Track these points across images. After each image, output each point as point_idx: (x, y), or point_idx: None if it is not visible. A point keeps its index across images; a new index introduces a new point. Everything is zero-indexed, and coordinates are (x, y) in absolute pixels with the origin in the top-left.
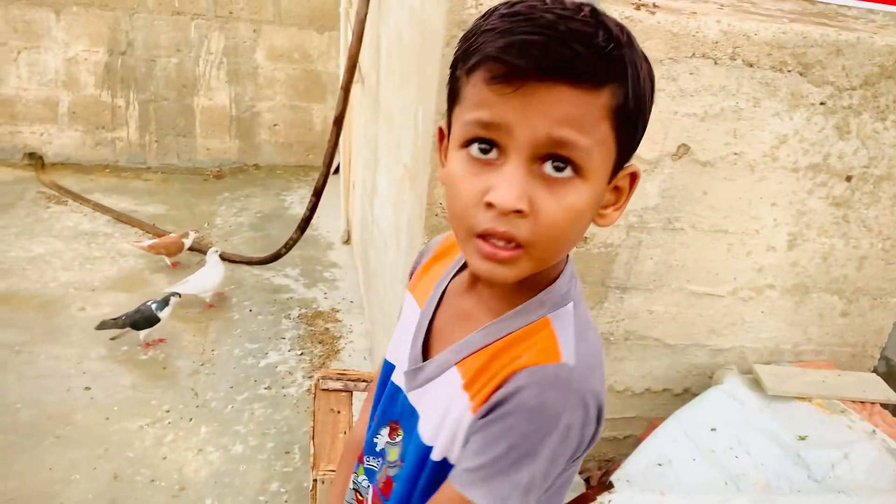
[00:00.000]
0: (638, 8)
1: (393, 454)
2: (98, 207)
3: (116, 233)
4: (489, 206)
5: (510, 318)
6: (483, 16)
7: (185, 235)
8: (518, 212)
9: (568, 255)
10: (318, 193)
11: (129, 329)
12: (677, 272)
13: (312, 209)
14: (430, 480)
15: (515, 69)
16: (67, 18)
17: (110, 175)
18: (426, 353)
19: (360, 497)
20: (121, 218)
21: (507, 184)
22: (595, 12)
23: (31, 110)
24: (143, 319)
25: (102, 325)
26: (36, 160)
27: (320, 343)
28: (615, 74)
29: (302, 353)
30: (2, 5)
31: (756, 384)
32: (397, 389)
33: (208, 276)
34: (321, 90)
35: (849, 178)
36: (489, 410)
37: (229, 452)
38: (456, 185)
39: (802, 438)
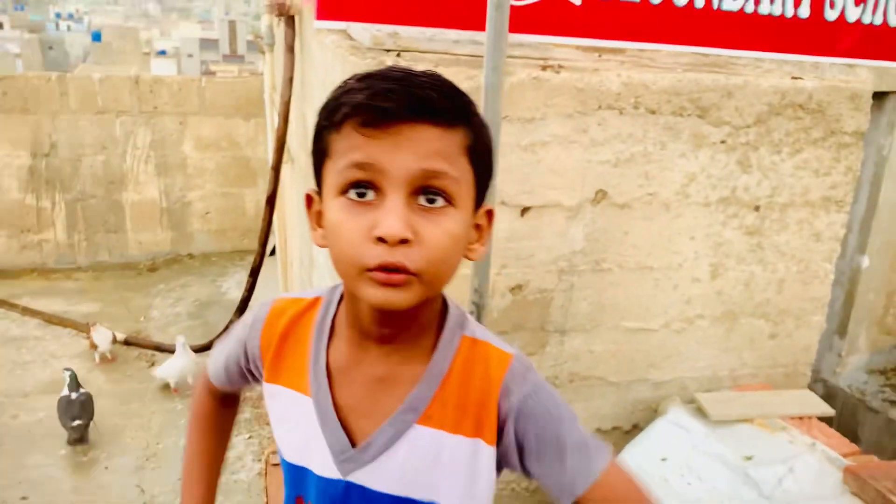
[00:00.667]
0: (544, 69)
1: None
2: (27, 311)
3: (47, 335)
4: (378, 240)
5: (439, 359)
6: (339, 87)
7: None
8: (404, 241)
9: (444, 297)
10: (254, 273)
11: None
12: (611, 311)
13: (251, 290)
14: None
15: (383, 111)
16: None
17: (38, 278)
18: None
19: None
20: (51, 320)
21: (393, 215)
22: (437, 73)
23: None
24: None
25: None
26: None
27: (268, 423)
28: (463, 118)
29: (250, 437)
30: None
31: (699, 412)
32: (329, 482)
33: (174, 364)
34: (251, 175)
35: (757, 208)
36: (511, 426)
37: None
38: (339, 230)
39: (749, 458)
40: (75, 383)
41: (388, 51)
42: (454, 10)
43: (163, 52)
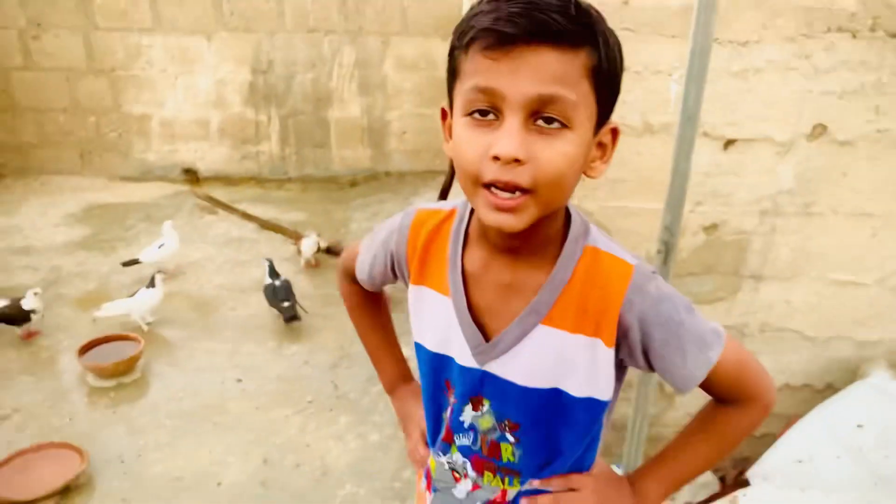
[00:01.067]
0: None
1: (486, 423)
2: (245, 216)
3: (261, 239)
4: (494, 158)
5: (561, 268)
6: (472, 7)
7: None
8: (517, 161)
9: (567, 206)
10: (444, 194)
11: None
12: (817, 260)
13: None
14: (576, 414)
15: (505, 36)
16: (217, 43)
17: (255, 186)
18: (483, 333)
19: (456, 475)
20: (265, 225)
21: (508, 138)
22: None
23: (187, 130)
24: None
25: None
26: (191, 175)
27: None
28: (589, 38)
29: None
30: (162, 36)
31: None
32: (467, 370)
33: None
34: (445, 97)
35: None
36: (634, 332)
37: (366, 441)
38: (462, 146)
39: None
40: (274, 271)
41: None
42: None
43: None
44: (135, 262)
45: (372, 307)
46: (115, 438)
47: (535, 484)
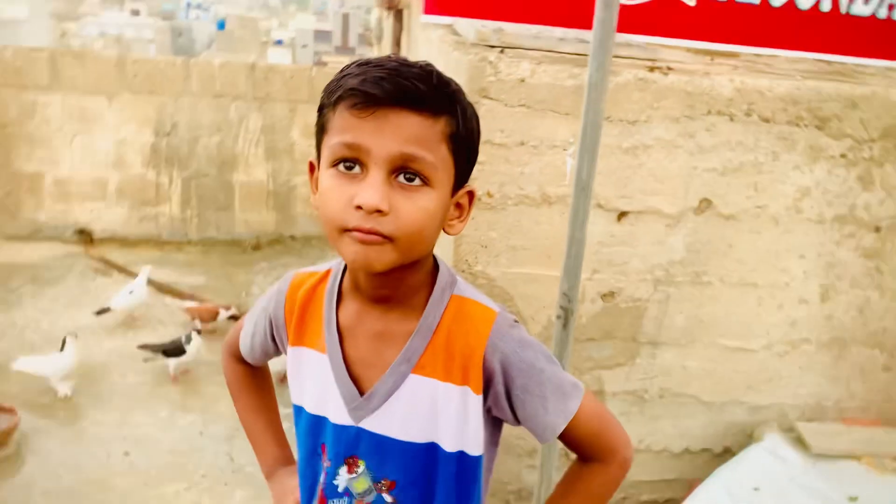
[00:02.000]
0: (652, 70)
1: (361, 485)
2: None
3: (158, 303)
4: (357, 208)
5: (429, 315)
6: (341, 70)
7: (227, 307)
8: (380, 211)
9: (435, 259)
10: None
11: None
12: (708, 327)
13: None
14: (450, 471)
15: (372, 97)
16: (119, 104)
17: (154, 248)
18: (358, 388)
19: None
20: (162, 289)
21: (371, 189)
22: (429, 65)
23: (83, 189)
24: (172, 348)
25: (144, 346)
26: (85, 236)
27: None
28: (447, 107)
29: None
30: (61, 94)
31: (799, 442)
32: (342, 428)
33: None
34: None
35: (878, 229)
36: (497, 378)
37: None
38: (327, 196)
39: (854, 500)
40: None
41: (492, 47)
42: (560, 7)
43: (279, 42)
44: (106, 310)
45: (255, 386)
46: None
47: None
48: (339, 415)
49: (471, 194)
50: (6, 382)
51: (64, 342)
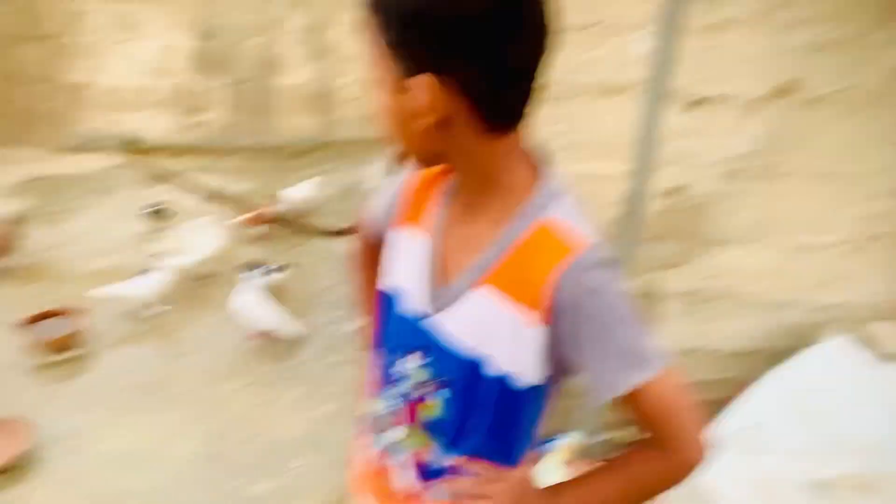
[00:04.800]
0: None
1: (420, 376)
2: (192, 187)
3: (210, 210)
4: None
5: (513, 225)
6: None
7: (275, 202)
8: None
9: (544, 161)
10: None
11: None
12: (780, 222)
13: None
14: (497, 391)
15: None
16: (162, 8)
17: (201, 156)
18: (441, 280)
19: (391, 421)
20: (213, 196)
21: None
22: None
23: (129, 99)
24: None
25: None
26: (133, 145)
27: None
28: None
29: None
30: (103, 1)
31: (866, 343)
32: (415, 318)
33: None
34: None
35: None
36: (566, 317)
37: (320, 411)
38: None
39: None
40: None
41: None
42: None
43: None
44: (157, 211)
45: (372, 264)
46: (61, 414)
47: (460, 462)
48: (416, 303)
49: (430, 82)
50: (76, 287)
51: (146, 269)
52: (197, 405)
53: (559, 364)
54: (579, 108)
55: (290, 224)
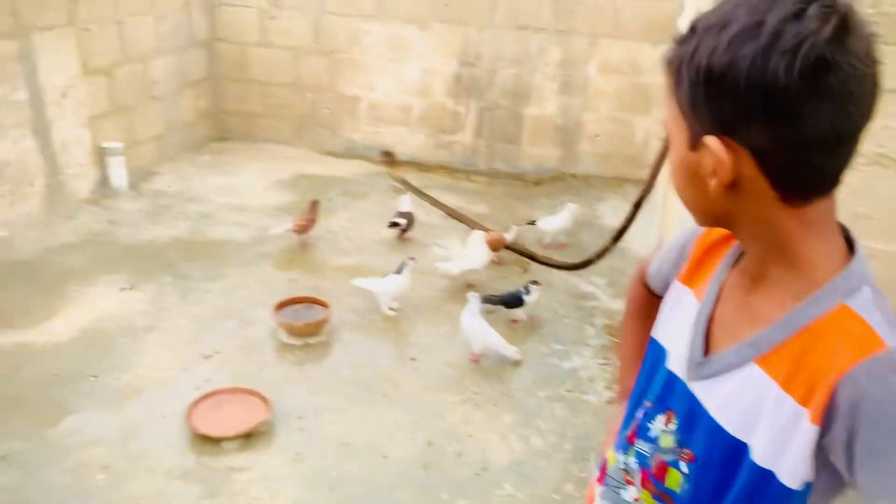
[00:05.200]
0: None
1: (666, 441)
2: (434, 202)
3: (447, 226)
4: None
5: (805, 308)
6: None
7: (507, 230)
8: None
9: (854, 239)
10: (637, 205)
11: (500, 307)
12: None
13: (630, 220)
14: (751, 484)
15: None
16: (429, 33)
17: (445, 175)
18: (706, 346)
19: (628, 478)
20: (452, 213)
21: None
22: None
23: (391, 114)
24: (512, 299)
25: (485, 300)
26: (389, 157)
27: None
28: (676, 52)
29: (605, 363)
30: (381, 22)
31: None
32: (674, 378)
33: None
34: (647, 103)
35: None
36: (843, 422)
37: (529, 444)
38: None
39: None
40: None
41: None
42: None
43: None
44: (532, 223)
45: (646, 314)
46: (296, 394)
47: None
48: (677, 365)
49: (716, 145)
50: (324, 280)
51: (401, 266)
52: (417, 410)
53: (824, 473)
54: (867, 178)
55: (521, 252)
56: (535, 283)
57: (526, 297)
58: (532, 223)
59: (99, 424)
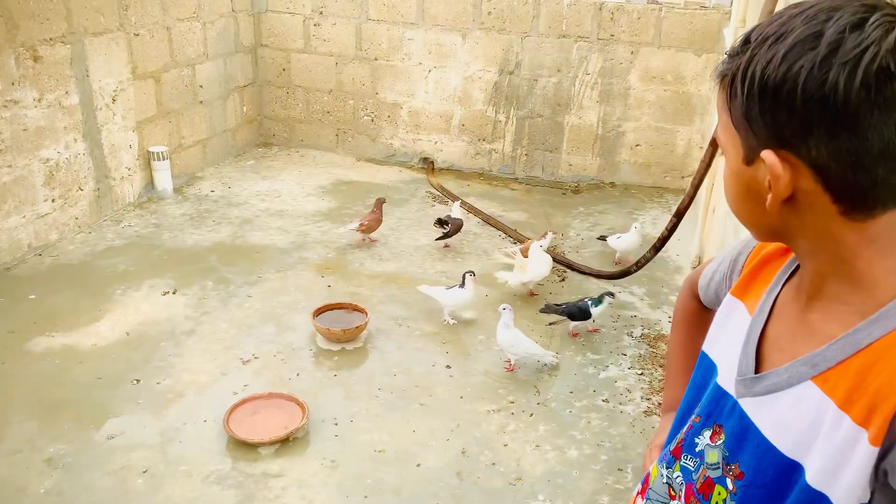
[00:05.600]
0: None
1: (713, 457)
2: (472, 210)
3: (484, 233)
4: None
5: (867, 326)
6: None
7: (543, 236)
8: None
9: None
10: (680, 215)
11: (565, 318)
12: None
13: (671, 230)
14: (797, 500)
15: None
16: (471, 41)
17: (483, 182)
18: (758, 362)
19: (672, 493)
20: (489, 221)
21: None
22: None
23: (431, 121)
24: (578, 312)
25: (546, 309)
26: (428, 164)
27: (661, 367)
28: (728, 64)
29: (642, 373)
30: (423, 30)
31: None
32: (724, 393)
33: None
34: (689, 113)
35: None
36: None
37: (564, 455)
38: None
39: None
40: (598, 303)
41: None
42: None
43: None
44: (602, 238)
45: (694, 325)
46: (332, 400)
47: None
48: (727, 380)
49: (773, 159)
50: (361, 286)
51: (464, 278)
52: (452, 419)
53: (879, 496)
54: None
55: (558, 260)
56: (610, 294)
57: (594, 310)
58: (602, 238)
59: (140, 428)
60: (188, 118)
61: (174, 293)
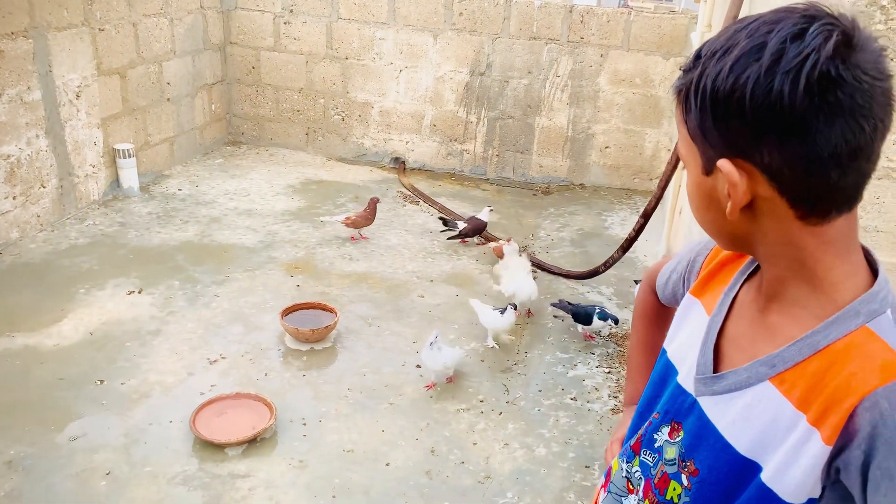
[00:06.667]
0: None
1: (671, 453)
2: (443, 210)
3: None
4: None
5: (825, 328)
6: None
7: (508, 241)
8: None
9: (876, 261)
10: (647, 216)
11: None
12: None
13: (639, 231)
14: (753, 501)
15: None
16: (442, 42)
17: (454, 183)
18: (717, 361)
19: (630, 487)
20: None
21: None
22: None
23: (402, 121)
24: (582, 315)
25: (557, 304)
26: (399, 164)
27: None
28: (683, 79)
29: (609, 372)
30: (394, 29)
31: None
32: (682, 391)
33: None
34: (657, 115)
35: None
36: (859, 445)
37: (533, 453)
38: None
39: None
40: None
41: None
42: None
43: None
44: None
45: (653, 322)
46: (300, 400)
47: None
48: (686, 378)
49: (729, 167)
50: (330, 286)
51: (505, 309)
52: (422, 418)
53: (830, 493)
54: (876, 192)
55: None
56: (615, 319)
57: (595, 321)
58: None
59: (104, 429)
60: (155, 115)
61: (140, 293)
